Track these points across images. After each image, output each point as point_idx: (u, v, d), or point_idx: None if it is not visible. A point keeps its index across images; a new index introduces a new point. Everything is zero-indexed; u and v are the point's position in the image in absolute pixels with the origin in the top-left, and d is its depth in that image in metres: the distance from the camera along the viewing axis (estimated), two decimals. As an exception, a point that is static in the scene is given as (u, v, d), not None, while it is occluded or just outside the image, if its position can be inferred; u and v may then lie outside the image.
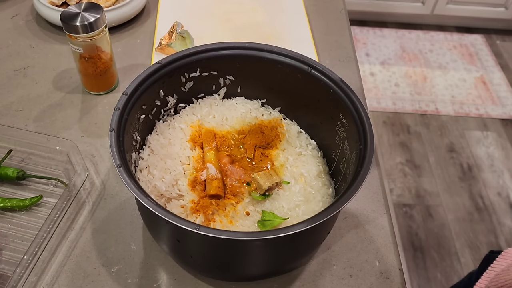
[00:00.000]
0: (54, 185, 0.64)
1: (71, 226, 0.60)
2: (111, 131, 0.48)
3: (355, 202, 0.64)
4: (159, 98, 0.58)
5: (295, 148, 0.60)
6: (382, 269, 0.57)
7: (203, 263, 0.52)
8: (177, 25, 0.86)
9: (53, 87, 0.80)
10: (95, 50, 0.72)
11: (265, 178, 0.54)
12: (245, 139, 0.60)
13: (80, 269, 0.56)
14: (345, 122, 0.54)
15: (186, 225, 0.40)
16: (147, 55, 0.87)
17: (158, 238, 0.52)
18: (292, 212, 0.53)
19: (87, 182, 0.64)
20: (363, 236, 0.61)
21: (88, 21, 0.67)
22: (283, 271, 0.56)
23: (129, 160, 0.49)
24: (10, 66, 0.83)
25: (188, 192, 0.53)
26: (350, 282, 0.56)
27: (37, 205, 0.62)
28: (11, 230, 0.59)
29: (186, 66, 0.57)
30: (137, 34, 0.92)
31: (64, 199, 0.59)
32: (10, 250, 0.57)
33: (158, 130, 0.60)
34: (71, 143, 0.65)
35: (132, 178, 0.44)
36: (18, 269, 0.52)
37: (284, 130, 0.61)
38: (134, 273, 0.56)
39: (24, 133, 0.68)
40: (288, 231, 0.41)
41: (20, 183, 0.64)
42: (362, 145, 0.48)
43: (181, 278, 0.55)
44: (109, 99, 0.78)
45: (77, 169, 0.63)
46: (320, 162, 0.59)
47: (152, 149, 0.57)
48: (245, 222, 0.51)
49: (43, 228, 0.56)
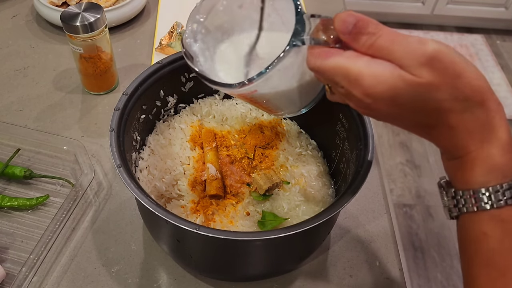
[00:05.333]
0: (61, 185, 0.64)
1: (76, 227, 0.60)
2: (111, 131, 0.48)
3: (355, 202, 0.64)
4: (159, 98, 0.58)
5: (295, 148, 0.60)
6: (382, 269, 0.57)
7: (203, 263, 0.52)
8: (177, 25, 0.86)
9: (53, 87, 0.80)
10: (95, 50, 0.72)
11: (265, 178, 0.53)
12: (245, 139, 0.60)
13: (80, 269, 0.56)
14: (345, 122, 0.54)
15: (186, 225, 0.40)
16: (147, 55, 0.87)
17: (158, 238, 0.52)
18: (292, 212, 0.53)
19: (93, 182, 0.65)
20: (363, 236, 0.61)
21: (88, 21, 0.67)
22: (283, 271, 0.56)
23: (129, 160, 0.49)
24: (10, 66, 0.83)
25: (188, 192, 0.53)
26: (350, 282, 0.56)
27: (44, 205, 0.62)
28: (18, 229, 0.59)
29: (186, 66, 0.57)
30: (137, 34, 0.92)
31: (70, 199, 0.59)
32: (16, 249, 0.57)
33: (158, 130, 0.60)
34: (78, 143, 0.65)
35: (132, 178, 0.44)
36: (23, 269, 0.53)
37: (284, 130, 0.61)
38: (134, 273, 0.56)
39: (32, 132, 0.68)
40: (288, 231, 0.41)
41: (27, 182, 0.64)
42: (362, 145, 0.48)
43: (181, 278, 0.55)
44: (109, 99, 0.78)
45: (84, 169, 0.63)
46: (320, 162, 0.59)
47: (152, 149, 0.57)
48: (245, 222, 0.51)
49: (49, 228, 0.56)
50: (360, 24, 0.32)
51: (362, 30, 0.33)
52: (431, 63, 0.31)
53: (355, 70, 0.32)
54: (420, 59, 0.31)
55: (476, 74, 0.32)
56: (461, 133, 0.33)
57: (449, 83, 0.31)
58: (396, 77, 0.31)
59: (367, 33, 0.32)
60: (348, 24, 0.33)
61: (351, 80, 0.33)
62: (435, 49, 0.31)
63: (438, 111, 0.32)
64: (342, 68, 0.33)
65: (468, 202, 0.34)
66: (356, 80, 0.32)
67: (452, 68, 0.31)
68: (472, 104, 0.32)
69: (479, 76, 0.32)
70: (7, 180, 0.65)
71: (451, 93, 0.31)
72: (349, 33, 0.33)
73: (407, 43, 0.31)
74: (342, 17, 0.33)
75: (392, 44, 0.32)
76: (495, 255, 0.33)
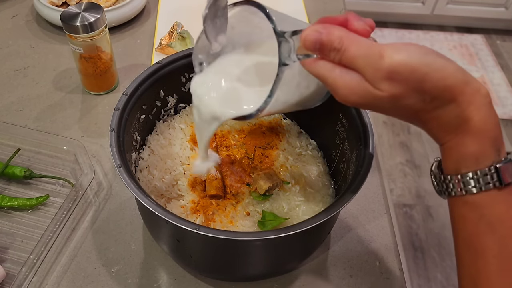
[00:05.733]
0: (61, 185, 0.64)
1: (76, 227, 0.60)
2: (111, 131, 0.48)
3: (355, 202, 0.64)
4: (159, 98, 0.58)
5: (295, 148, 0.60)
6: (382, 269, 0.57)
7: (203, 263, 0.52)
8: (177, 25, 0.86)
9: (53, 87, 0.80)
10: (95, 50, 0.72)
11: (265, 178, 0.53)
12: (245, 139, 0.60)
13: (80, 269, 0.56)
14: (345, 122, 0.54)
15: (186, 225, 0.40)
16: (147, 55, 0.87)
17: (158, 238, 0.52)
18: (292, 212, 0.53)
19: (93, 182, 0.65)
20: (363, 236, 0.61)
21: (88, 21, 0.67)
22: (283, 271, 0.56)
23: (129, 160, 0.49)
24: (10, 66, 0.83)
25: (188, 192, 0.53)
26: (350, 282, 0.56)
27: (44, 205, 0.62)
28: (18, 229, 0.59)
29: (186, 66, 0.57)
30: (137, 34, 0.92)
31: (70, 199, 0.59)
32: (16, 249, 0.57)
33: (158, 130, 0.60)
34: (78, 143, 0.65)
35: (132, 178, 0.44)
36: (23, 269, 0.53)
37: (284, 130, 0.61)
38: (134, 273, 0.56)
39: (32, 132, 0.68)
40: (288, 231, 0.41)
41: (27, 182, 0.64)
42: (362, 145, 0.48)
43: (181, 278, 0.55)
44: (109, 99, 0.78)
45: (84, 169, 0.63)
46: (320, 162, 0.59)
47: (152, 149, 0.57)
48: (245, 222, 0.51)
49: (49, 228, 0.56)
50: (324, 43, 0.34)
51: (327, 48, 0.34)
52: (391, 76, 0.32)
53: (331, 80, 0.35)
54: (379, 74, 0.32)
55: (442, 74, 0.32)
56: (435, 127, 0.35)
57: (413, 90, 0.32)
58: (363, 89, 0.33)
59: (333, 49, 0.34)
60: (313, 43, 0.34)
61: (330, 87, 0.35)
62: (392, 64, 0.32)
63: (409, 112, 0.34)
64: (323, 76, 0.35)
65: (448, 186, 0.36)
66: (333, 89, 0.35)
67: (413, 76, 0.32)
68: (443, 102, 0.33)
69: (447, 75, 0.32)
70: (7, 180, 0.65)
71: (418, 97, 0.33)
72: (318, 50, 0.35)
73: (367, 58, 0.33)
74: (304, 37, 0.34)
75: (355, 59, 0.33)
76: (473, 237, 0.35)
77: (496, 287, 0.34)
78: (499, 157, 0.34)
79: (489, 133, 0.33)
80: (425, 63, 0.32)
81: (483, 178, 0.33)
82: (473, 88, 0.33)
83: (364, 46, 0.33)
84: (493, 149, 0.33)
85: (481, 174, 0.33)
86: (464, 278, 0.36)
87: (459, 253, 0.37)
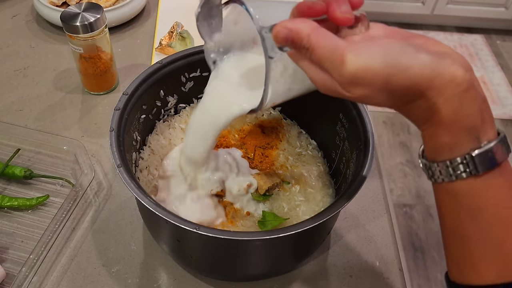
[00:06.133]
0: (61, 185, 0.64)
1: (76, 227, 0.60)
2: (111, 131, 0.48)
3: (355, 202, 0.64)
4: (159, 98, 0.58)
5: (295, 148, 0.60)
6: (382, 269, 0.57)
7: (203, 263, 0.52)
8: (177, 25, 0.86)
9: (53, 87, 0.80)
10: (95, 50, 0.72)
11: (265, 178, 0.53)
12: (245, 139, 0.60)
13: (80, 269, 0.56)
14: (345, 122, 0.54)
15: (186, 225, 0.40)
16: (147, 55, 0.87)
17: (158, 238, 0.52)
18: (292, 212, 0.53)
19: (93, 182, 0.65)
20: (363, 236, 0.61)
21: (88, 21, 0.67)
22: (283, 271, 0.56)
23: (129, 160, 0.49)
24: (10, 66, 0.83)
25: (188, 192, 0.53)
26: (350, 282, 0.56)
27: (44, 205, 0.62)
28: (18, 229, 0.59)
29: (186, 66, 0.57)
30: (137, 34, 0.92)
31: (70, 199, 0.59)
32: (16, 249, 0.57)
33: (158, 130, 0.60)
34: (78, 143, 0.65)
35: (132, 178, 0.44)
36: (23, 269, 0.53)
37: (284, 130, 0.61)
38: (134, 273, 0.56)
39: (32, 132, 0.68)
40: (288, 231, 0.41)
41: (27, 182, 0.64)
42: (362, 145, 0.48)
43: (181, 278, 0.55)
44: (109, 99, 0.78)
45: (84, 169, 0.63)
46: (320, 162, 0.59)
47: (152, 149, 0.57)
48: (245, 222, 0.51)
49: (49, 228, 0.56)
50: (294, 40, 0.34)
51: (297, 45, 0.34)
52: (355, 82, 0.32)
53: (310, 75, 0.36)
54: (343, 79, 0.33)
55: (406, 74, 0.32)
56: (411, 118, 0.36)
57: (380, 90, 0.33)
58: (335, 89, 0.34)
59: (302, 47, 0.34)
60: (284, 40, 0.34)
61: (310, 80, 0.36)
62: (353, 70, 0.32)
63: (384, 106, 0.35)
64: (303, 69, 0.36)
65: (429, 173, 0.36)
66: (312, 82, 0.36)
67: (377, 80, 0.32)
68: (411, 98, 0.33)
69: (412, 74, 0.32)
70: (7, 180, 0.65)
71: (386, 96, 0.33)
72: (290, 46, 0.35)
73: (331, 62, 0.33)
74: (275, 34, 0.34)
75: (321, 61, 0.33)
76: (457, 223, 0.35)
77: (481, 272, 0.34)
78: (479, 143, 0.33)
79: (462, 123, 0.33)
80: (388, 65, 0.32)
81: (457, 167, 0.33)
82: (444, 79, 0.32)
83: (328, 48, 0.33)
84: (470, 137, 0.33)
85: (455, 163, 0.33)
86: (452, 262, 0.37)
87: (444, 237, 0.37)
